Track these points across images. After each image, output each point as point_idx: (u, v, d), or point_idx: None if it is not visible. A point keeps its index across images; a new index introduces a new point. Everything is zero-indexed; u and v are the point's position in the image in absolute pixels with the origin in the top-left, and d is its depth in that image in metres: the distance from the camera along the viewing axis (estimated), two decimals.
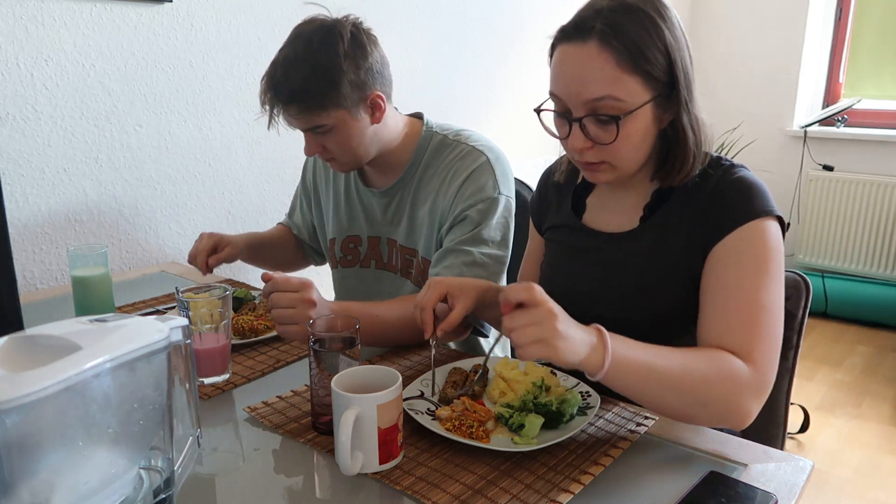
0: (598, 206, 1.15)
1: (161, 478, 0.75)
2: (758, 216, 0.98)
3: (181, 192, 1.89)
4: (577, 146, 0.99)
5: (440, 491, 0.82)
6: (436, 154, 1.41)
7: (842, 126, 3.68)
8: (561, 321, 0.83)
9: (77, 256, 1.30)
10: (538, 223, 1.27)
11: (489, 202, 1.31)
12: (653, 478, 0.86)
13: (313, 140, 1.30)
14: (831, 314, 3.56)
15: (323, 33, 1.23)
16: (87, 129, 1.68)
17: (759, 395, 0.93)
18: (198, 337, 1.07)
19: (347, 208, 1.51)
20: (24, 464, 0.61)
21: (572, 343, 0.84)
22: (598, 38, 0.93)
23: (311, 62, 1.22)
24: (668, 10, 0.97)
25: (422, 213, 1.40)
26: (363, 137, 1.31)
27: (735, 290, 0.96)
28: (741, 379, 0.91)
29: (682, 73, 0.97)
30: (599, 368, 0.86)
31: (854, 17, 3.73)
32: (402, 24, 2.40)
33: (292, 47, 1.25)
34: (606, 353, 0.86)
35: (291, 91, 1.23)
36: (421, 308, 1.02)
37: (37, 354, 0.63)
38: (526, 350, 0.83)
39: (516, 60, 2.93)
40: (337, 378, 0.86)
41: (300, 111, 1.25)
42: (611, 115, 0.95)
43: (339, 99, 1.24)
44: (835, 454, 2.44)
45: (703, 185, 1.03)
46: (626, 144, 0.97)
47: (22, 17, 1.53)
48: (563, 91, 0.98)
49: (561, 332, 0.83)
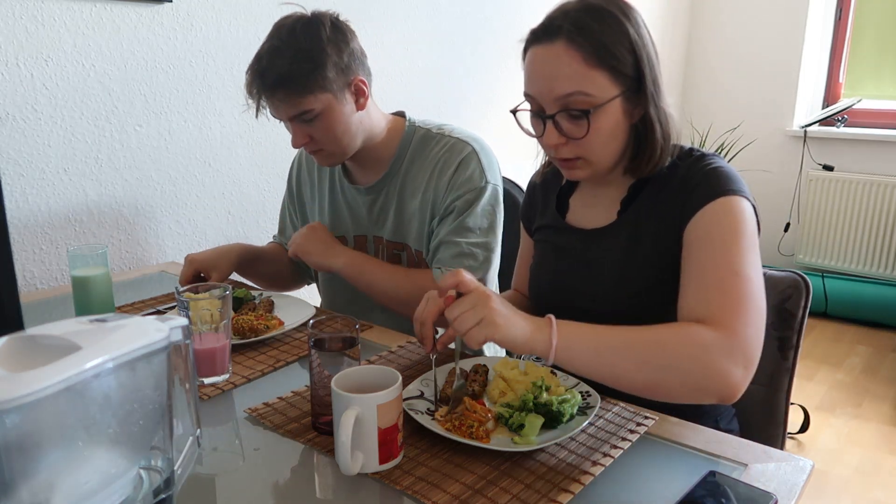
0: (580, 204, 1.19)
1: (161, 478, 0.75)
2: (724, 194, 1.00)
3: (181, 192, 1.89)
4: (552, 142, 1.03)
5: (440, 491, 0.82)
6: (421, 148, 1.43)
7: (842, 126, 3.68)
8: (495, 301, 0.88)
9: (77, 256, 1.30)
10: (528, 226, 1.31)
11: (476, 191, 1.36)
12: (653, 478, 0.86)
13: (300, 130, 1.31)
14: (831, 314, 3.56)
15: (304, 22, 1.28)
16: (87, 129, 1.68)
17: (733, 356, 0.89)
18: (198, 337, 1.07)
19: (332, 208, 1.52)
20: (24, 464, 0.61)
21: (512, 319, 0.88)
22: (566, 37, 0.98)
23: (296, 47, 1.25)
24: (632, 10, 1.02)
25: (411, 207, 1.42)
26: (349, 124, 1.33)
27: (707, 264, 0.97)
28: (703, 339, 0.89)
29: (648, 68, 1.01)
30: (548, 345, 0.88)
31: (854, 17, 3.73)
32: (402, 24, 2.40)
33: (276, 37, 1.27)
34: (552, 329, 0.88)
35: (278, 76, 1.24)
36: (420, 322, 1.01)
37: (37, 354, 0.63)
38: (470, 336, 0.87)
39: (516, 60, 2.92)
40: (337, 378, 0.87)
41: (287, 95, 1.26)
42: (581, 110, 0.99)
43: (325, 82, 1.26)
44: (835, 454, 2.44)
45: (674, 174, 1.06)
46: (597, 138, 1.01)
47: (22, 17, 1.53)
48: (536, 90, 1.03)
49: (497, 310, 0.87)
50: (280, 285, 1.64)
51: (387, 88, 2.37)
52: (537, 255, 1.25)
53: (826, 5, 3.75)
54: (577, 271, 1.15)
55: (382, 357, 1.20)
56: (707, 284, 0.95)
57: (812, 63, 3.80)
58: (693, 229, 1.01)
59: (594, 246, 1.13)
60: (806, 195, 3.79)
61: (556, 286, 1.18)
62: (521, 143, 1.28)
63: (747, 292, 0.93)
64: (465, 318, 0.87)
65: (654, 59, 1.02)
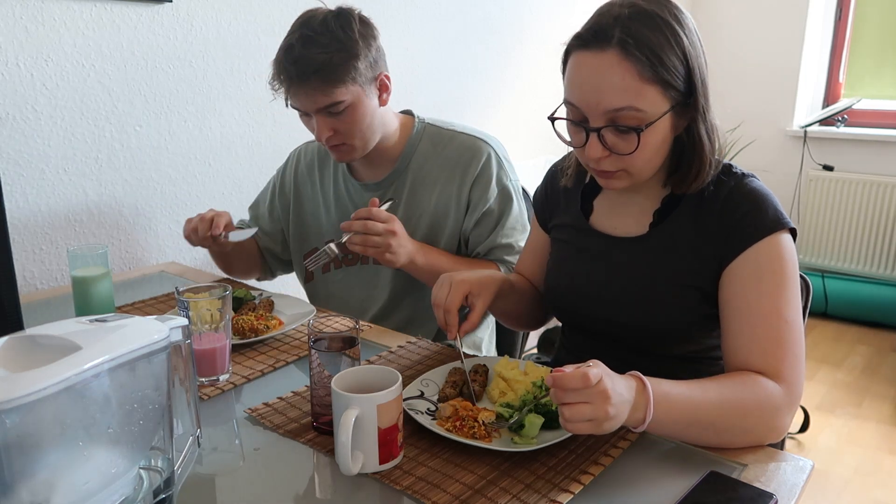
0: (607, 209, 1.15)
1: (161, 478, 0.75)
2: (773, 230, 0.98)
3: (181, 192, 1.89)
4: (595, 156, 0.97)
5: (440, 491, 0.82)
6: (433, 145, 1.44)
7: (842, 126, 3.68)
8: (613, 403, 0.80)
9: (77, 256, 1.30)
10: (543, 220, 1.27)
11: (506, 191, 1.43)
12: (653, 478, 0.86)
13: (325, 123, 1.31)
14: (831, 314, 3.56)
15: (335, 14, 1.29)
16: (87, 129, 1.68)
17: (791, 410, 0.94)
18: (198, 337, 1.07)
19: (339, 209, 1.52)
20: (24, 464, 0.61)
21: (619, 420, 0.82)
22: (619, 46, 0.91)
23: (332, 37, 1.25)
24: (685, 17, 0.96)
25: (423, 204, 1.44)
26: (374, 119, 1.35)
27: (758, 310, 0.96)
28: (776, 401, 0.92)
29: (700, 80, 0.96)
30: (641, 423, 0.85)
31: (854, 17, 3.72)
32: (403, 24, 2.40)
33: (307, 27, 1.27)
34: (647, 412, 0.84)
35: (314, 64, 1.24)
36: (445, 310, 1.05)
37: (37, 354, 0.63)
38: (575, 426, 0.80)
39: (517, 60, 2.92)
40: (337, 378, 0.86)
41: (322, 84, 1.26)
42: (631, 127, 0.93)
43: (357, 74, 1.27)
44: (835, 454, 2.44)
45: (716, 193, 1.02)
46: (643, 154, 0.97)
47: (22, 17, 1.53)
48: (581, 100, 0.95)
49: (611, 414, 0.80)
50: (246, 277, 1.65)
51: None
52: (555, 254, 1.21)
53: (826, 5, 3.74)
54: (597, 277, 1.11)
55: (382, 357, 1.20)
56: (762, 333, 0.95)
57: (812, 63, 3.80)
58: (740, 267, 0.98)
59: (622, 254, 1.09)
60: (806, 195, 3.79)
61: (576, 290, 1.14)
62: (522, 144, 1.29)
63: (798, 343, 0.96)
64: (580, 411, 0.79)
65: (706, 70, 0.97)
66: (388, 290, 1.49)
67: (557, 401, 0.81)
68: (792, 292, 0.97)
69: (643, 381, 0.86)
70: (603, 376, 0.80)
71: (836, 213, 3.72)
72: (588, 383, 0.78)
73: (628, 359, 0.95)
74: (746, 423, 0.91)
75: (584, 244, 1.15)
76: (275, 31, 1.97)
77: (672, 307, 1.04)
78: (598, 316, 1.10)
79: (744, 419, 0.91)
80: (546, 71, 3.05)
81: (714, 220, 1.01)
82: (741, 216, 0.99)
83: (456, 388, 1.02)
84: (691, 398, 0.89)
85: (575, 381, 0.78)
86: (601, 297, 1.10)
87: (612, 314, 1.08)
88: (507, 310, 1.24)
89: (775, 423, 0.92)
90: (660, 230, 1.06)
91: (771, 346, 0.95)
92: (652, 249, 1.06)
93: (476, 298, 1.08)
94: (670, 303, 1.04)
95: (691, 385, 0.90)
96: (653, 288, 1.05)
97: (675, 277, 1.04)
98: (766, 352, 0.95)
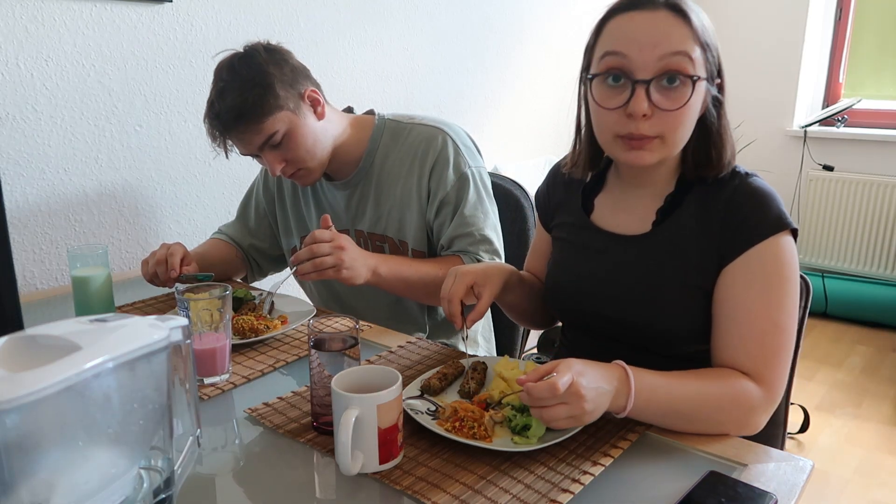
0: (609, 207, 1.14)
1: (161, 478, 0.75)
2: (775, 231, 0.98)
3: (181, 192, 1.89)
4: (640, 111, 0.94)
5: (440, 491, 0.82)
6: (393, 139, 1.46)
7: (842, 126, 3.68)
8: (588, 399, 0.84)
9: (77, 256, 1.30)
10: (545, 219, 1.27)
11: (462, 179, 1.40)
12: (653, 478, 0.86)
13: (272, 156, 1.34)
14: (831, 314, 3.56)
15: (240, 56, 1.33)
16: (87, 129, 1.68)
17: (767, 411, 0.97)
18: (198, 337, 1.07)
19: (318, 209, 1.54)
20: (24, 464, 0.61)
21: (599, 411, 0.88)
22: (669, 7, 0.96)
23: (241, 79, 1.29)
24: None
25: (390, 198, 1.45)
26: (317, 135, 1.37)
27: (749, 312, 0.97)
28: (753, 401, 0.95)
29: (722, 69, 1.02)
30: (622, 410, 0.90)
31: (854, 17, 3.72)
32: (402, 24, 2.40)
33: (219, 80, 1.32)
34: (629, 401, 0.90)
35: (233, 110, 1.28)
36: (448, 300, 1.06)
37: (37, 354, 0.63)
38: (556, 424, 0.86)
39: (517, 60, 2.92)
40: (337, 378, 0.87)
41: (249, 125, 1.29)
42: (687, 75, 0.95)
43: (278, 101, 1.30)
44: (835, 454, 2.44)
45: (720, 192, 1.03)
46: (687, 115, 0.97)
47: (22, 17, 1.53)
48: (634, 48, 0.94)
49: (588, 409, 0.85)
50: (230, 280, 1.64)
51: (387, 88, 2.37)
52: (556, 252, 1.21)
53: (826, 5, 3.74)
54: (599, 274, 1.11)
55: (382, 357, 1.20)
56: (751, 336, 0.97)
57: (812, 63, 3.80)
58: (738, 267, 0.99)
59: (624, 253, 1.09)
60: (806, 195, 3.79)
61: (579, 289, 1.13)
62: (522, 144, 1.29)
63: (785, 346, 0.98)
64: (557, 411, 0.84)
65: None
66: None
67: (534, 402, 0.85)
68: (787, 296, 0.98)
69: (626, 371, 0.91)
70: (573, 377, 0.84)
71: (835, 213, 3.72)
72: (556, 392, 0.82)
73: (629, 357, 0.95)
74: (720, 417, 0.95)
75: (585, 242, 1.15)
76: (275, 32, 1.97)
77: (675, 306, 1.04)
78: (599, 313, 1.10)
79: (718, 413, 0.94)
80: (546, 71, 3.05)
81: (717, 218, 1.01)
82: (744, 216, 0.99)
83: (444, 381, 1.02)
84: (671, 390, 0.93)
85: (544, 392, 0.83)
86: (603, 294, 1.09)
87: (614, 312, 1.08)
88: (516, 304, 1.24)
89: (748, 421, 0.96)
90: (663, 228, 1.06)
91: (757, 349, 0.97)
92: (655, 248, 1.06)
93: (482, 288, 1.08)
94: (674, 302, 1.04)
95: (672, 377, 0.94)
96: (656, 287, 1.05)
97: (678, 276, 1.03)
98: (751, 354, 0.97)
